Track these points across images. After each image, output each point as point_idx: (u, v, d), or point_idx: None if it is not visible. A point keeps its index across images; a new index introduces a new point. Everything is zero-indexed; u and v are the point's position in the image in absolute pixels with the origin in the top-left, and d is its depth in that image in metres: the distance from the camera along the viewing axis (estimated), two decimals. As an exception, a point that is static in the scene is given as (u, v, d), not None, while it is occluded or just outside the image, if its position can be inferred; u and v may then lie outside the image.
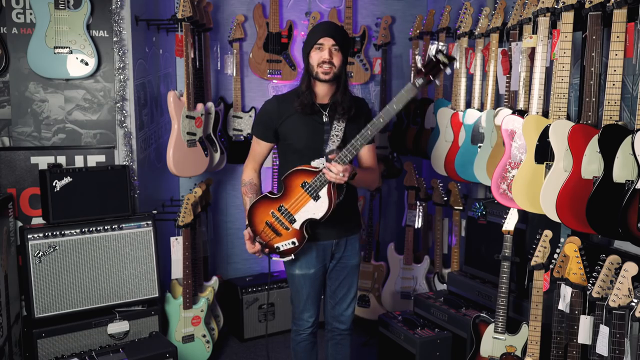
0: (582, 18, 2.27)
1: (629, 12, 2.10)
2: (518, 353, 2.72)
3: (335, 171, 2.26)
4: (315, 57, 2.40)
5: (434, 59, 2.15)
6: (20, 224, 2.87)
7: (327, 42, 2.38)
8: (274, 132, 2.51)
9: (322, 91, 2.47)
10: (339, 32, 2.44)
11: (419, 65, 2.22)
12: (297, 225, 2.39)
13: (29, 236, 2.70)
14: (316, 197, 2.34)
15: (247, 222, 2.49)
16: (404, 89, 2.17)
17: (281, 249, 2.43)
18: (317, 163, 2.41)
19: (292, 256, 2.45)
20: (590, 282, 2.23)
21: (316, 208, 2.35)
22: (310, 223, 2.40)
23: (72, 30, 2.83)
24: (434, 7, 4.01)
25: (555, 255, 2.44)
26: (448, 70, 2.16)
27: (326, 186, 2.33)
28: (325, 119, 2.46)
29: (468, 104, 3.28)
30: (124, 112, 2.98)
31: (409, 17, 4.24)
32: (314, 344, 2.73)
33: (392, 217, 4.45)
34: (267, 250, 2.47)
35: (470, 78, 3.27)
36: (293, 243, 2.42)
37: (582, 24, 2.32)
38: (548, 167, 2.39)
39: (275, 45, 3.96)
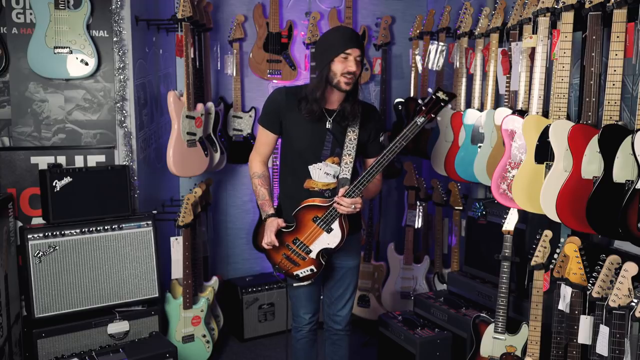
0: (582, 18, 2.26)
1: (629, 12, 2.09)
2: (518, 353, 2.72)
3: (346, 205, 2.32)
4: (340, 66, 2.34)
5: (434, 97, 2.20)
6: (20, 224, 2.87)
7: (354, 52, 2.34)
8: (280, 124, 2.49)
9: (333, 97, 2.44)
10: (362, 43, 2.41)
11: (420, 101, 2.28)
12: (313, 255, 2.46)
13: (29, 236, 2.70)
14: (329, 230, 2.40)
15: (269, 212, 2.49)
16: (407, 128, 2.23)
17: (300, 275, 2.50)
18: (314, 168, 2.44)
19: (312, 280, 2.52)
20: (590, 282, 2.23)
21: (330, 239, 2.42)
22: (325, 249, 2.45)
23: (72, 30, 2.83)
24: (434, 7, 4.00)
25: (555, 255, 2.44)
26: (449, 106, 2.18)
27: (338, 218, 2.38)
28: (328, 125, 2.45)
29: (468, 104, 3.27)
30: (124, 112, 2.98)
31: (409, 17, 4.23)
32: (313, 341, 2.75)
33: (392, 217, 4.45)
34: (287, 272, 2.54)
35: (470, 78, 3.27)
36: (311, 270, 2.49)
37: (582, 24, 2.32)
38: (548, 167, 2.38)
39: (275, 45, 3.96)
